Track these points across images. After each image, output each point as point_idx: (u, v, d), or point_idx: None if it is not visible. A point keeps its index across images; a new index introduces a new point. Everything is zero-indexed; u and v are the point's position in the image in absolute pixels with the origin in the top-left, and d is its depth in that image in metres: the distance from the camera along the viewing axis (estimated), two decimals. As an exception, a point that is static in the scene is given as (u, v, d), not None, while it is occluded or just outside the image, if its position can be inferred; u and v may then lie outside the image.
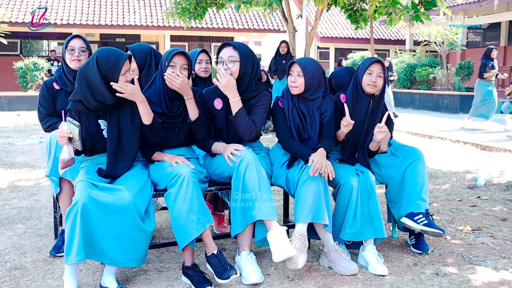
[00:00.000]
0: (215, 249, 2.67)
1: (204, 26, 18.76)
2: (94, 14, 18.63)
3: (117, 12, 18.89)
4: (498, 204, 4.30)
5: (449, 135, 8.76)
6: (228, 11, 18.93)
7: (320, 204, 2.76)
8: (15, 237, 3.44)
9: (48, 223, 3.75)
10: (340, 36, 23.20)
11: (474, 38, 19.69)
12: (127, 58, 2.64)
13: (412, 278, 2.75)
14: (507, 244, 3.32)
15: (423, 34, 15.18)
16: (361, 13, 11.15)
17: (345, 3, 10.79)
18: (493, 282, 2.71)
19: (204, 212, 2.64)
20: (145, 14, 19.20)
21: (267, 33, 20.56)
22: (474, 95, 10.79)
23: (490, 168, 5.74)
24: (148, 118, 2.68)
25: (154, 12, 19.39)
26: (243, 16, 20.00)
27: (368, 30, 19.47)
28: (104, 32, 19.82)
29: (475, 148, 7.56)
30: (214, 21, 19.41)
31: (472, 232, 3.55)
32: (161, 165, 2.79)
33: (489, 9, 16.33)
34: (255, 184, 2.71)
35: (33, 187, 4.90)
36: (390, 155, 3.27)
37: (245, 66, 2.94)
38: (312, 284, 2.68)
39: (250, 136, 2.90)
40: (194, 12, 11.78)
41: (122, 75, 2.60)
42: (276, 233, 2.63)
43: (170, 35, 19.86)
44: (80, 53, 3.28)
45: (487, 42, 19.23)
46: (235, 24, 19.81)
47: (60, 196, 3.14)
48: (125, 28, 18.55)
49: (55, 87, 3.32)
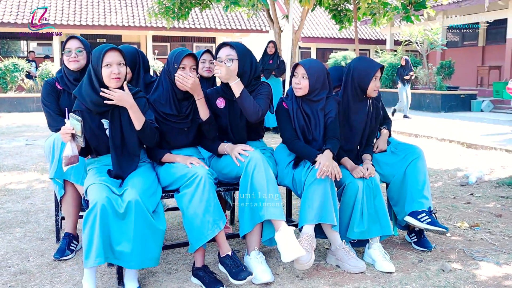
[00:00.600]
0: (229, 250, 2.68)
1: (186, 26, 18.68)
2: (74, 14, 18.40)
3: (98, 12, 18.69)
4: (491, 200, 4.40)
5: (435, 133, 8.91)
6: (210, 11, 18.88)
7: (328, 204, 2.79)
8: (15, 241, 3.38)
9: (47, 227, 3.70)
10: (321, 36, 23.35)
11: (452, 38, 20.04)
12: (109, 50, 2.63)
13: (419, 274, 2.80)
14: (505, 239, 3.40)
15: (405, 34, 15.41)
16: (345, 13, 11.27)
17: (329, 3, 10.89)
18: (497, 277, 2.77)
19: (219, 213, 2.65)
20: (127, 14, 19.03)
21: (249, 33, 20.57)
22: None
23: (479, 166, 5.86)
24: (139, 124, 2.65)
25: (135, 12, 19.24)
26: (225, 16, 19.97)
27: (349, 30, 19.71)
28: (84, 32, 19.52)
29: (461, 146, 7.71)
30: (197, 21, 19.35)
31: (470, 229, 3.63)
32: (173, 166, 2.78)
33: (467, 9, 16.65)
34: (263, 184, 2.73)
35: (26, 190, 4.82)
36: (390, 153, 3.32)
37: (243, 64, 2.97)
38: (322, 282, 2.70)
39: (258, 115, 2.90)
40: (178, 12, 11.75)
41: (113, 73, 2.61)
42: (285, 233, 2.65)
43: (152, 35, 19.71)
44: (77, 54, 3.24)
45: (465, 42, 19.62)
46: (218, 24, 19.78)
47: (63, 198, 3.10)
48: (106, 28, 18.36)
49: (58, 87, 3.28)
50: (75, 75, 3.26)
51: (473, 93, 14.80)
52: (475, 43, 18.95)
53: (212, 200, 2.64)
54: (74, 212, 3.17)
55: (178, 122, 2.88)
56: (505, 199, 4.43)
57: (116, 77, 2.62)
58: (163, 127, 2.87)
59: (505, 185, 4.89)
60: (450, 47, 18.33)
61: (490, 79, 16.88)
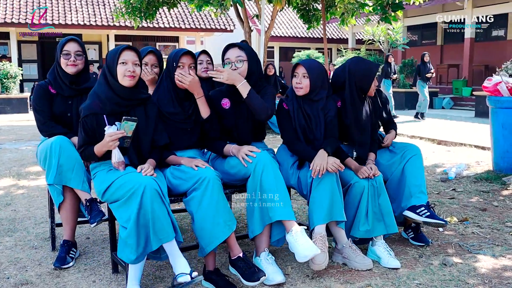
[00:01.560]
0: (240, 252, 2.67)
1: (150, 25, 18.38)
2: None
3: (57, 10, 18.11)
4: (473, 195, 4.57)
5: (405, 130, 9.15)
6: (174, 10, 18.66)
7: (337, 202, 2.83)
8: (7, 251, 3.25)
9: (37, 234, 3.58)
10: (284, 35, 23.52)
11: (411, 38, 20.64)
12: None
13: (423, 269, 2.88)
14: (495, 232, 3.55)
15: (368, 33, 15.76)
16: (313, 13, 11.40)
17: (298, 2, 11.00)
18: (497, 269, 2.89)
19: (229, 215, 2.63)
20: (88, 13, 18.54)
21: (213, 33, 20.47)
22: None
23: (454, 162, 6.07)
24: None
25: (97, 11, 18.77)
26: (189, 15, 19.79)
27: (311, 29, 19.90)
28: (43, 31, 18.93)
29: (431, 143, 7.97)
30: (160, 21, 19.07)
31: (460, 223, 3.76)
32: (179, 168, 2.75)
33: (426, 9, 17.17)
34: (272, 185, 2.73)
35: (5, 197, 4.63)
36: (388, 152, 3.40)
37: (252, 65, 2.97)
38: (333, 281, 2.74)
39: (267, 113, 2.91)
40: (145, 11, 11.57)
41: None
42: (298, 233, 2.66)
43: (115, 34, 19.30)
44: (76, 58, 3.16)
45: (424, 41, 20.24)
46: (182, 23, 19.57)
47: (62, 205, 3.00)
48: (66, 27, 17.81)
49: (51, 91, 3.17)
50: (72, 78, 3.17)
51: (434, 90, 15.28)
52: (433, 42, 19.59)
53: (222, 202, 2.62)
54: (73, 218, 3.08)
55: (182, 122, 2.87)
56: (486, 193, 4.61)
57: (130, 75, 2.62)
58: (167, 127, 2.84)
59: (483, 180, 5.09)
60: (410, 46, 18.88)
61: (449, 77, 17.48)
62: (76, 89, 3.19)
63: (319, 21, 11.35)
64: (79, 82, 3.21)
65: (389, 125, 3.51)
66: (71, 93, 3.19)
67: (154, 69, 3.31)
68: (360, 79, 3.14)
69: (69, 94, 3.18)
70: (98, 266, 2.99)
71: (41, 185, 5.13)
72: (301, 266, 2.92)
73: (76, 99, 3.21)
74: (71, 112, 3.19)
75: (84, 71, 3.24)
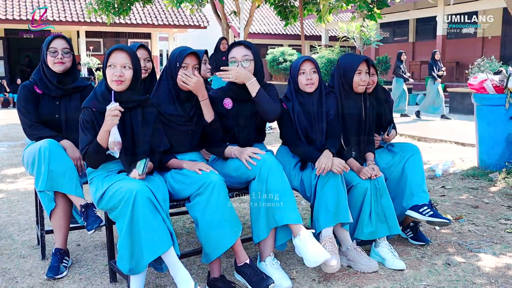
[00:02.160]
0: (247, 258, 2.58)
1: (122, 21, 17.99)
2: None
3: (25, 5, 17.52)
4: (463, 192, 4.60)
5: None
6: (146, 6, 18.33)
7: (342, 203, 2.77)
8: (-8, 261, 3.07)
9: (23, 242, 3.40)
10: (257, 32, 23.43)
11: (384, 35, 20.85)
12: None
13: (428, 270, 2.86)
14: (491, 230, 3.56)
15: (342, 30, 15.80)
16: (290, 9, 11.37)
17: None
18: (500, 268, 2.89)
19: (235, 220, 2.54)
20: (57, 8, 18.02)
21: (187, 29, 20.22)
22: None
23: (438, 159, 6.11)
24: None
25: (66, 6, 18.26)
26: (162, 11, 19.48)
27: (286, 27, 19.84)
28: (9, 27, 18.29)
29: (412, 140, 8.02)
30: (133, 17, 18.68)
31: (455, 221, 3.76)
32: (181, 172, 2.63)
33: (397, 7, 17.35)
34: (278, 188, 2.65)
35: (-17, 202, 4.41)
36: (387, 152, 3.36)
37: (257, 63, 2.89)
38: (341, 284, 2.68)
39: (276, 113, 2.86)
40: (119, 7, 11.31)
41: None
42: (306, 238, 2.59)
43: (85, 30, 18.84)
44: (63, 55, 2.99)
45: (396, 38, 20.48)
46: (154, 19, 19.24)
47: (54, 211, 2.84)
48: (34, 23, 17.26)
49: (37, 91, 3.00)
50: (59, 78, 3.00)
51: (408, 87, 15.45)
52: (405, 39, 19.85)
53: (227, 207, 2.53)
54: (65, 225, 2.92)
55: (183, 124, 2.74)
56: (476, 190, 4.65)
57: (117, 80, 2.45)
58: (167, 129, 2.72)
59: (470, 177, 5.13)
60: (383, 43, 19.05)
61: (421, 74, 17.73)
62: (64, 89, 3.04)
63: (296, 18, 11.33)
64: (67, 81, 3.05)
65: (389, 126, 3.47)
66: (58, 93, 3.03)
67: (146, 64, 3.20)
68: (343, 71, 3.08)
69: (57, 94, 3.02)
70: (94, 275, 2.85)
71: (20, 188, 4.91)
72: (306, 269, 2.86)
73: (64, 99, 3.05)
74: (59, 114, 3.04)
75: (71, 69, 3.08)
